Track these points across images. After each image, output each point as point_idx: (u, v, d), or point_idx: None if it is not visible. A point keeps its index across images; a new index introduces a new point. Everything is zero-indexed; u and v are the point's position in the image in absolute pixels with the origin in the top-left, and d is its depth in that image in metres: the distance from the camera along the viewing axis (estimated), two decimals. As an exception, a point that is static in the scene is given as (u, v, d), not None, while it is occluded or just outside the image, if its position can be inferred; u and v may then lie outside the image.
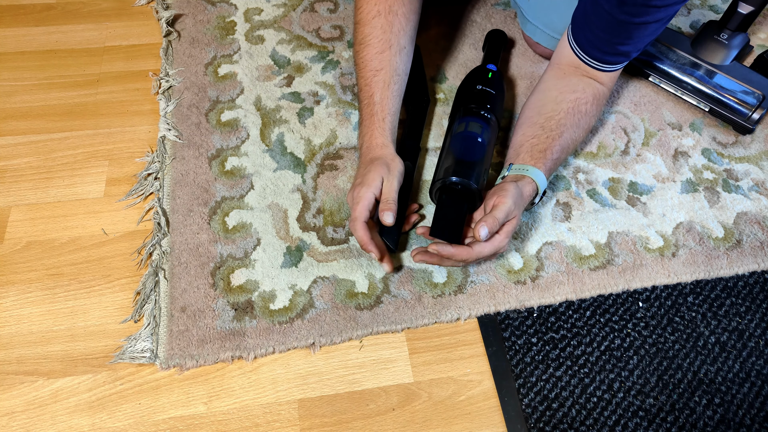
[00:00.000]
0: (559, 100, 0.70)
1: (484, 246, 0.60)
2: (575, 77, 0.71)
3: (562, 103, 0.69)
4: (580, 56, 0.69)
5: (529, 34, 0.87)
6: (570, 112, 0.69)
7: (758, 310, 0.67)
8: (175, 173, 0.75)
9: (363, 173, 0.65)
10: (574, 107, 0.69)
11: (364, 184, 0.63)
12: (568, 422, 0.59)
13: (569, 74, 0.71)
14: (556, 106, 0.69)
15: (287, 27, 0.93)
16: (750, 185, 0.77)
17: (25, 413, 0.58)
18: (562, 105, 0.69)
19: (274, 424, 0.58)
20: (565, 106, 0.69)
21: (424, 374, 0.62)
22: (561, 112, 0.69)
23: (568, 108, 0.69)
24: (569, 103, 0.69)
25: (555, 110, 0.69)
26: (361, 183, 0.63)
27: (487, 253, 0.61)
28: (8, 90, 0.84)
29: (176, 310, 0.64)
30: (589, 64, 0.69)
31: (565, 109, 0.69)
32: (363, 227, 0.62)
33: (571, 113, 0.69)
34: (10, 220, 0.71)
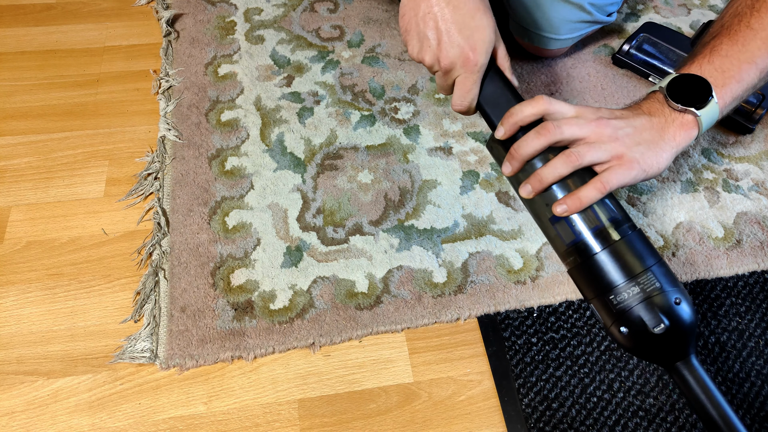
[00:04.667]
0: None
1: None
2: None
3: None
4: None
5: (517, 35, 0.88)
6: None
7: (758, 310, 0.67)
8: (175, 173, 0.75)
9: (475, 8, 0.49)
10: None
11: (481, 49, 0.49)
12: (568, 422, 0.59)
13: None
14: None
15: (287, 27, 0.93)
16: (750, 185, 0.77)
17: (25, 413, 0.58)
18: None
19: (274, 424, 0.58)
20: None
21: (424, 374, 0.62)
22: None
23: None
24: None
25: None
26: (474, 46, 0.49)
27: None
28: (8, 90, 0.84)
29: (176, 310, 0.64)
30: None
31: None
32: (479, 83, 0.50)
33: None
34: (10, 220, 0.71)
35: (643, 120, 0.48)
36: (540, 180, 0.46)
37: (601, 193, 0.45)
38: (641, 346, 0.44)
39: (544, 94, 0.85)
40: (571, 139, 0.47)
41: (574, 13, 0.81)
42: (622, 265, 0.44)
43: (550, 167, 0.46)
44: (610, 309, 0.44)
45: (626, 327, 0.44)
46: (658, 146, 0.48)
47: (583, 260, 0.46)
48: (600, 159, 0.46)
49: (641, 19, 0.97)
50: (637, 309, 0.43)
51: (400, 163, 0.77)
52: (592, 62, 0.91)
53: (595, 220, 0.45)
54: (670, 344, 0.43)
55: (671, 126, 0.48)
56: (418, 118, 0.82)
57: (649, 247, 0.46)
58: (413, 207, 0.73)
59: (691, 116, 0.48)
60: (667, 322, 0.42)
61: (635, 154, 0.47)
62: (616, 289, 0.44)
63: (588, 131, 0.46)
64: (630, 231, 0.46)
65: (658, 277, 0.44)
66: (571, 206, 0.45)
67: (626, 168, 0.46)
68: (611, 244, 0.45)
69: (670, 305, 0.43)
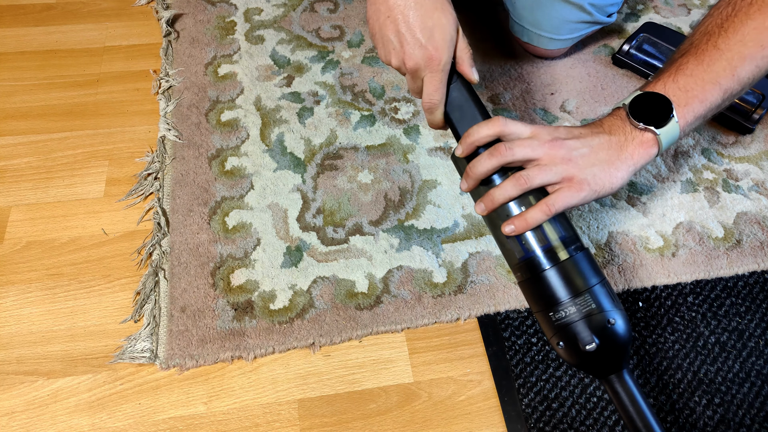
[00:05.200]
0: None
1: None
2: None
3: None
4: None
5: (517, 35, 0.88)
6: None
7: (758, 310, 0.67)
8: (175, 173, 0.75)
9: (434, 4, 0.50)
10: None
11: (443, 48, 0.50)
12: (568, 422, 0.59)
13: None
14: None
15: (287, 27, 0.93)
16: (750, 185, 0.77)
17: (25, 413, 0.58)
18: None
19: (274, 424, 0.58)
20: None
21: (424, 374, 0.62)
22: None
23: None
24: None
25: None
26: (436, 46, 0.50)
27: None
28: (8, 90, 0.84)
29: (176, 310, 0.64)
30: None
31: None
32: (445, 81, 0.51)
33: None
34: (10, 220, 0.71)
35: (602, 139, 0.49)
36: (492, 200, 0.49)
37: (546, 215, 0.47)
38: (575, 360, 0.47)
39: (549, 93, 0.85)
40: (523, 160, 0.48)
41: (574, 14, 0.81)
42: (565, 284, 0.47)
43: (501, 189, 0.48)
44: (551, 323, 0.47)
45: (562, 342, 0.47)
46: (613, 165, 0.49)
47: (530, 276, 0.48)
48: (550, 181, 0.48)
49: (641, 19, 0.97)
50: (573, 327, 0.46)
51: (400, 163, 0.77)
52: (592, 62, 0.91)
53: (543, 239, 0.48)
54: (601, 360, 0.46)
55: (630, 144, 0.49)
56: (418, 118, 0.82)
57: (594, 268, 0.48)
58: (413, 207, 0.73)
59: (650, 135, 0.49)
60: (598, 341, 0.45)
61: (586, 175, 0.48)
62: (556, 307, 0.47)
63: (541, 153, 0.48)
64: (576, 252, 0.48)
65: (597, 297, 0.46)
66: (518, 227, 0.48)
67: (575, 190, 0.48)
68: (557, 263, 0.47)
69: (603, 326, 0.46)
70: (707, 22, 0.53)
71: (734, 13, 0.51)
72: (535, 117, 0.83)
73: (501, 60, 0.90)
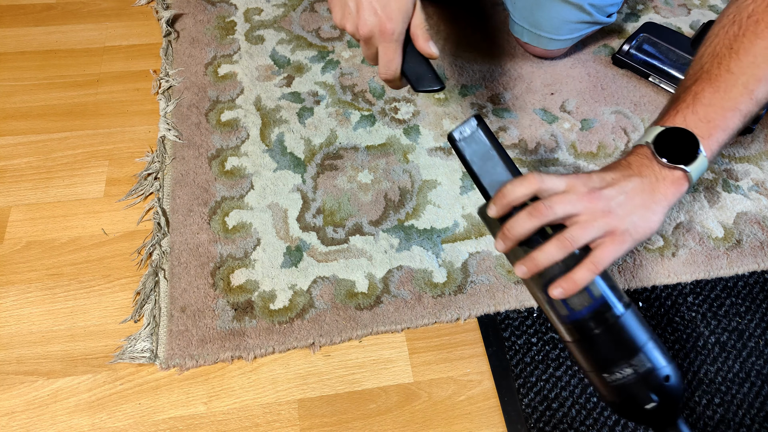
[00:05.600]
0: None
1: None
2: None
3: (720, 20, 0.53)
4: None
5: (517, 35, 0.88)
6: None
7: (758, 310, 0.67)
8: (175, 173, 0.75)
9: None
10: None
11: (397, 18, 0.51)
12: (568, 422, 0.59)
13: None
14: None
15: (287, 27, 0.93)
16: (750, 185, 0.77)
17: (25, 413, 0.58)
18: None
19: (274, 424, 0.58)
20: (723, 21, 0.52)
21: (424, 374, 0.62)
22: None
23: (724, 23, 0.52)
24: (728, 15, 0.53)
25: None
26: (390, 16, 0.51)
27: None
28: (8, 90, 0.84)
29: (176, 310, 0.64)
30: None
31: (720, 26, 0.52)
32: (400, 52, 0.52)
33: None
34: (10, 220, 0.71)
35: (635, 183, 0.48)
36: (535, 264, 0.47)
37: (594, 273, 0.46)
38: (634, 418, 0.47)
39: (549, 94, 0.85)
40: (563, 217, 0.47)
41: (574, 14, 0.81)
42: (616, 347, 0.46)
43: (545, 253, 0.46)
44: (605, 384, 0.46)
45: (620, 401, 0.46)
46: (650, 209, 0.48)
47: (580, 337, 0.47)
48: (593, 237, 0.47)
49: (641, 19, 0.97)
50: (630, 388, 0.45)
51: (400, 163, 0.77)
52: (592, 62, 0.91)
53: (590, 299, 0.46)
54: (659, 416, 0.46)
55: (662, 184, 0.48)
56: (418, 118, 0.82)
57: (643, 323, 0.47)
58: (413, 207, 0.73)
59: (680, 172, 0.48)
60: (657, 398, 0.45)
61: (627, 225, 0.47)
62: (610, 369, 0.46)
63: (580, 207, 0.46)
64: (624, 310, 0.46)
65: (650, 356, 0.45)
66: (567, 289, 0.46)
67: (618, 243, 0.47)
68: (607, 324, 0.46)
69: (660, 384, 0.45)
70: (714, 43, 0.52)
71: (742, 33, 0.50)
72: (535, 117, 0.83)
73: (501, 60, 0.90)
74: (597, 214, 0.46)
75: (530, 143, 0.80)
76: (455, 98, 0.85)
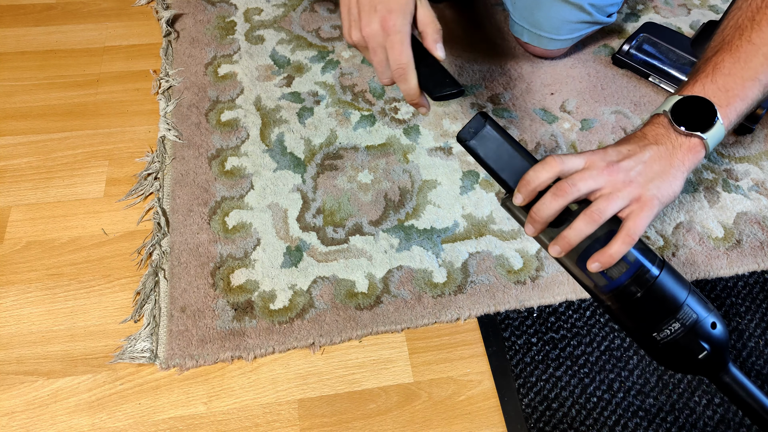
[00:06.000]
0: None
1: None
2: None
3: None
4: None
5: (517, 35, 0.88)
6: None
7: (758, 310, 0.67)
8: (175, 173, 0.75)
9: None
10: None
11: (397, 10, 0.51)
12: (568, 422, 0.59)
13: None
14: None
15: (287, 27, 0.93)
16: (750, 185, 0.77)
17: (25, 413, 0.58)
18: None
19: (274, 424, 0.58)
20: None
21: (424, 374, 0.62)
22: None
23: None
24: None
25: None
26: (390, 9, 0.51)
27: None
28: (8, 90, 0.84)
29: (176, 310, 0.64)
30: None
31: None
32: (407, 44, 0.51)
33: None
34: (10, 220, 0.71)
35: (652, 151, 0.48)
36: (567, 242, 0.47)
37: (629, 245, 0.46)
38: (688, 369, 0.48)
39: (549, 94, 0.85)
40: (587, 193, 0.47)
41: (574, 14, 0.81)
42: (660, 306, 0.46)
43: (575, 230, 0.47)
44: (656, 344, 0.47)
45: (673, 356, 0.47)
46: (669, 174, 0.48)
47: (621, 305, 0.47)
48: (620, 207, 0.47)
49: (641, 19, 0.97)
50: (681, 342, 0.46)
51: (400, 163, 0.77)
52: (592, 62, 0.91)
53: (626, 266, 0.47)
54: (711, 363, 0.47)
55: (679, 151, 0.49)
56: (418, 118, 0.82)
57: (680, 280, 0.48)
58: (413, 207, 0.73)
59: (697, 140, 0.48)
60: (708, 347, 0.46)
61: (652, 191, 0.47)
62: (658, 327, 0.47)
63: (602, 181, 0.47)
64: (659, 270, 0.47)
65: (694, 308, 0.46)
66: (604, 263, 0.46)
67: (647, 209, 0.47)
68: (647, 286, 0.46)
69: (708, 332, 0.46)
70: (737, 16, 0.52)
71: (765, 5, 0.50)
72: (535, 117, 0.83)
73: (501, 60, 0.90)
74: (619, 185, 0.47)
75: (530, 143, 0.80)
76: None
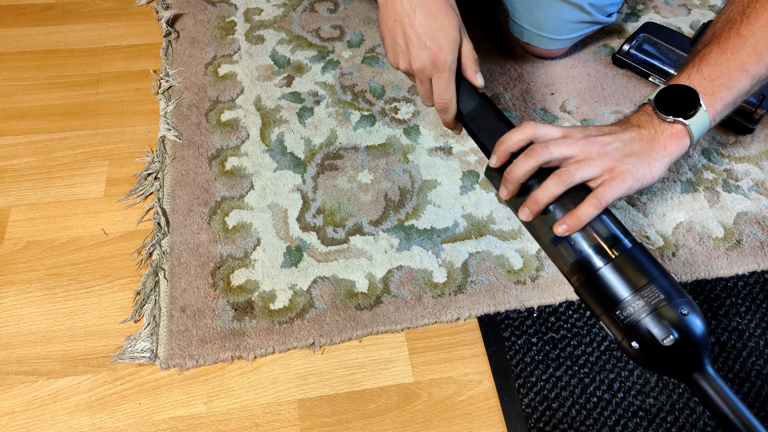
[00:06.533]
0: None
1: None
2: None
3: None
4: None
5: (517, 35, 0.88)
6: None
7: (758, 310, 0.67)
8: (175, 173, 0.75)
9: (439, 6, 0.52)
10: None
11: (446, 48, 0.52)
12: (568, 422, 0.59)
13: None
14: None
15: (287, 27, 0.93)
16: (750, 185, 0.77)
17: (25, 413, 0.58)
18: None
19: (274, 424, 0.58)
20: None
21: (424, 374, 0.62)
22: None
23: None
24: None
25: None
26: (440, 46, 0.52)
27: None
28: (8, 90, 0.84)
29: (176, 310, 0.64)
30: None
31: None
32: (453, 81, 0.53)
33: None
34: (10, 220, 0.71)
35: (632, 133, 0.49)
36: (536, 202, 0.47)
37: (598, 208, 0.46)
38: (654, 360, 0.44)
39: (549, 94, 0.85)
40: (560, 158, 0.48)
41: (573, 14, 0.81)
42: (626, 279, 0.44)
43: (544, 188, 0.47)
44: (619, 324, 0.44)
45: (636, 341, 0.43)
46: (650, 156, 0.48)
47: (587, 278, 0.46)
48: (592, 175, 0.47)
49: (641, 19, 0.97)
50: (644, 322, 0.43)
51: (400, 163, 0.77)
52: (592, 62, 0.91)
53: (595, 237, 0.46)
54: (682, 356, 0.43)
55: (661, 137, 0.49)
56: (418, 118, 0.82)
57: (651, 259, 0.46)
58: (413, 207, 0.73)
59: (680, 126, 0.49)
60: (676, 334, 0.42)
61: (627, 165, 0.47)
62: (621, 304, 0.44)
63: (576, 150, 0.47)
64: (630, 245, 0.46)
65: (664, 288, 0.43)
66: (571, 225, 0.46)
67: (620, 180, 0.47)
68: (612, 258, 0.45)
69: (677, 317, 0.43)
70: (729, 10, 0.53)
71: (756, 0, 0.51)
72: (535, 117, 0.83)
73: (501, 60, 0.90)
74: (593, 155, 0.47)
75: (530, 143, 0.80)
76: (455, 98, 0.84)
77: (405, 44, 0.53)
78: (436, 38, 0.52)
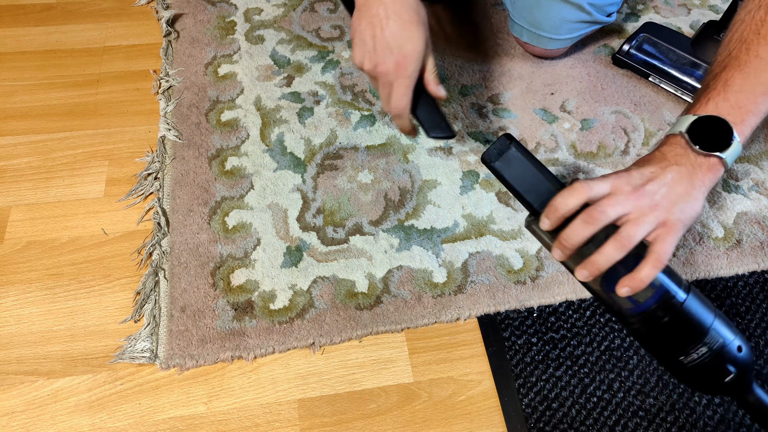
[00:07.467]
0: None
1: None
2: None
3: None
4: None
5: (517, 35, 0.88)
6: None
7: (758, 310, 0.67)
8: (175, 173, 0.75)
9: (406, 20, 0.55)
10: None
11: (412, 57, 0.55)
12: (568, 422, 0.59)
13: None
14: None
15: (287, 27, 0.93)
16: (750, 185, 0.77)
17: (25, 413, 0.58)
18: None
19: (274, 424, 0.58)
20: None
21: (424, 374, 0.62)
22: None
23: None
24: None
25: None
26: (406, 54, 0.54)
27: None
28: (8, 90, 0.84)
29: (176, 310, 0.64)
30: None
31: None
32: (411, 89, 0.56)
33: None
34: (10, 220, 0.71)
35: (673, 173, 0.49)
36: (596, 267, 0.48)
37: (658, 269, 0.47)
38: (713, 391, 0.49)
39: (549, 94, 0.85)
40: (616, 219, 0.48)
41: (573, 14, 0.81)
42: (688, 330, 0.47)
43: (604, 255, 0.47)
44: (683, 367, 0.48)
45: (700, 379, 0.48)
46: (691, 196, 0.49)
47: (648, 329, 0.48)
48: (648, 232, 0.48)
49: (641, 19, 0.97)
50: (707, 366, 0.47)
51: (400, 163, 0.77)
52: (592, 62, 0.91)
53: (652, 290, 0.47)
54: (737, 386, 0.48)
55: (699, 171, 0.49)
56: (418, 118, 0.82)
57: (706, 304, 0.48)
58: (413, 207, 0.73)
59: (716, 159, 0.49)
60: (734, 369, 0.47)
61: (677, 214, 0.48)
62: (685, 352, 0.47)
63: (629, 207, 0.48)
64: (686, 294, 0.47)
65: (720, 332, 0.47)
66: (634, 287, 0.46)
67: (674, 233, 0.48)
68: (672, 311, 0.47)
69: (734, 356, 0.47)
70: (741, 29, 0.53)
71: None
72: (535, 117, 0.83)
73: (501, 60, 0.90)
74: (645, 210, 0.47)
75: (530, 143, 0.80)
76: (455, 98, 0.85)
77: (373, 46, 0.55)
78: (403, 46, 0.54)
